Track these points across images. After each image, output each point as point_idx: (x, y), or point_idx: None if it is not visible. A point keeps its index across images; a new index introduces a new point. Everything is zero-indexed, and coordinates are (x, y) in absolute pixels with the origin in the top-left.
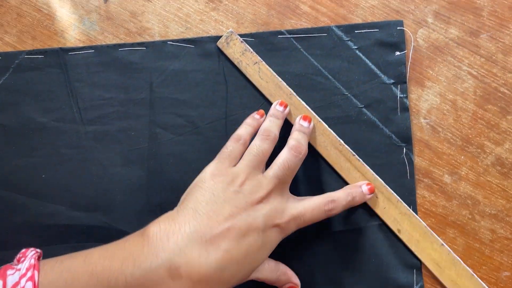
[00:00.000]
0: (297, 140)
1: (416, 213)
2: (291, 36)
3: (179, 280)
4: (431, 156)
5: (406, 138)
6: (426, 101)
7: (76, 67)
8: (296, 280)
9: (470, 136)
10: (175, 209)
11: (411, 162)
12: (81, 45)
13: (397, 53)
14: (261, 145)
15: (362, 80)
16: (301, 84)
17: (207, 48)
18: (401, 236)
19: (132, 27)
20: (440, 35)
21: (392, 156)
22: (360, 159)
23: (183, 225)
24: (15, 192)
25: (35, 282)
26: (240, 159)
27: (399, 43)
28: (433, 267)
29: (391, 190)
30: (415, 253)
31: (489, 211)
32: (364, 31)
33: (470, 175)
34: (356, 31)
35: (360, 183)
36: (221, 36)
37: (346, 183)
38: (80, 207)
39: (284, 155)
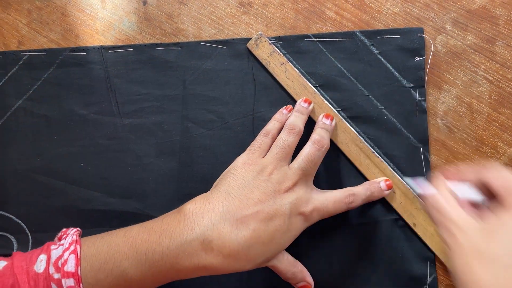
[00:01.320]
0: (319, 135)
1: None
2: (317, 39)
3: (211, 253)
4: (446, 155)
5: (423, 139)
6: (443, 103)
7: (116, 64)
8: (310, 279)
9: (484, 137)
10: (209, 191)
11: (427, 162)
12: (120, 44)
13: (417, 58)
14: (287, 139)
15: (383, 83)
16: (326, 85)
17: (237, 49)
18: (416, 229)
19: (168, 28)
20: (458, 41)
21: (410, 156)
22: (379, 156)
23: (216, 204)
24: (56, 178)
25: (77, 255)
26: (268, 151)
27: (419, 49)
28: (446, 260)
29: (407, 185)
30: (429, 246)
31: None
32: (386, 37)
33: None
34: (378, 37)
35: (379, 179)
36: (250, 38)
37: (365, 179)
38: (115, 194)
39: (307, 149)
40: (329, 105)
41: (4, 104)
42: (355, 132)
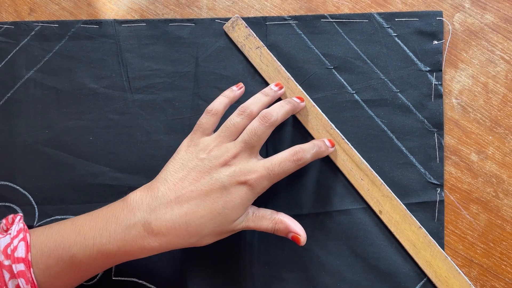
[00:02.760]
0: (268, 110)
1: (442, 191)
2: (334, 20)
3: (152, 233)
4: (460, 135)
5: (438, 124)
6: (458, 82)
7: (128, 39)
8: (296, 228)
9: (499, 117)
10: (153, 180)
11: (441, 147)
12: (132, 14)
13: (435, 42)
14: (234, 119)
15: (399, 66)
16: (340, 67)
17: (252, 28)
18: (382, 217)
19: None
20: (476, 20)
21: (423, 140)
22: (348, 143)
23: (155, 191)
24: (64, 151)
25: (27, 242)
26: (212, 129)
27: (437, 33)
28: (409, 248)
29: (375, 173)
30: (394, 233)
31: None
32: (404, 19)
33: (497, 155)
34: (396, 19)
35: (322, 138)
36: (265, 17)
37: (335, 165)
38: (123, 169)
39: (253, 123)
40: (302, 90)
41: (15, 75)
42: (326, 119)
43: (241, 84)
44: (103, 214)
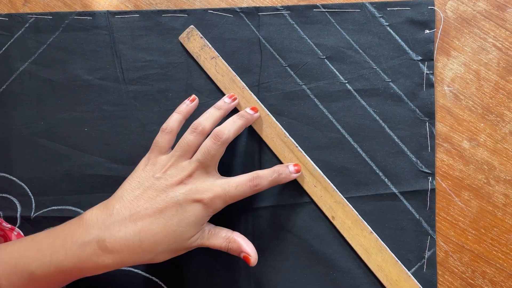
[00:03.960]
0: (219, 128)
1: (434, 180)
2: (326, 10)
3: (106, 250)
4: (451, 122)
5: (430, 113)
6: (450, 70)
7: (121, 30)
8: (247, 248)
9: (490, 105)
10: (109, 198)
11: (432, 136)
12: (126, 3)
13: (427, 31)
14: (187, 137)
15: (391, 56)
16: (333, 56)
17: (245, 19)
18: (334, 222)
19: None
20: (468, 7)
21: (415, 129)
22: (302, 151)
23: (110, 209)
24: (59, 143)
25: None
26: (169, 147)
27: (429, 22)
28: (361, 252)
29: (328, 180)
30: (346, 239)
31: (504, 177)
32: (396, 9)
33: (488, 142)
34: (388, 9)
35: (288, 163)
36: (258, 7)
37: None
38: (118, 160)
39: (205, 142)
40: (257, 100)
41: (9, 67)
42: (281, 127)
43: (193, 97)
44: (61, 231)
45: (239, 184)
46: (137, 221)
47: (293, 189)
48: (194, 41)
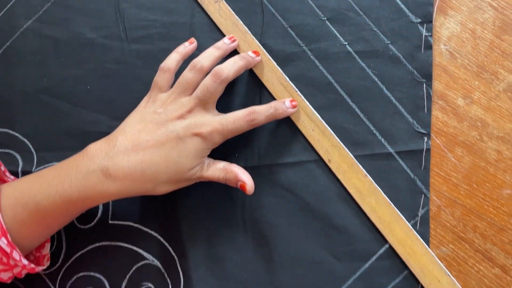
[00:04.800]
0: (219, 67)
1: (429, 140)
2: None
3: (110, 178)
4: (447, 80)
5: (427, 75)
6: (447, 28)
7: None
8: (243, 177)
9: (485, 63)
10: (113, 132)
11: (429, 97)
12: None
13: None
14: (186, 74)
15: (391, 18)
16: (333, 18)
17: None
18: (330, 165)
19: None
20: None
21: (413, 91)
22: (301, 95)
23: (113, 141)
24: (62, 100)
25: None
26: (168, 85)
27: None
28: (355, 194)
29: (325, 124)
30: (341, 181)
31: (497, 134)
32: None
33: (482, 100)
34: None
35: (284, 99)
36: None
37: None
38: (120, 118)
39: (205, 80)
40: (258, 44)
41: (13, 24)
42: (281, 72)
43: (193, 39)
44: (65, 164)
45: (236, 119)
46: (139, 151)
47: (291, 148)
48: None
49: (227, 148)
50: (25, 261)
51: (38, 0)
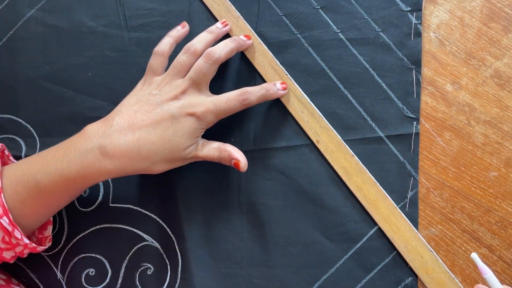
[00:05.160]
0: (211, 49)
1: (418, 124)
2: None
3: (107, 156)
4: (436, 67)
5: (417, 61)
6: (436, 17)
7: None
8: (237, 155)
9: (473, 50)
10: (109, 113)
11: (418, 83)
12: None
13: None
14: (180, 57)
15: (382, 7)
16: (326, 6)
17: None
18: (318, 146)
19: None
20: None
21: (403, 77)
22: (291, 78)
23: (110, 121)
24: (64, 87)
25: None
26: (162, 69)
27: None
28: (342, 174)
29: (314, 106)
30: (329, 161)
31: (484, 118)
32: None
33: (470, 85)
34: None
35: (275, 81)
36: None
37: (278, 99)
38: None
39: (198, 61)
40: (250, 28)
41: (17, 13)
42: (272, 56)
43: (185, 23)
44: (64, 144)
45: (229, 99)
46: (135, 130)
47: (285, 133)
48: None
49: (223, 133)
50: (26, 240)
51: None
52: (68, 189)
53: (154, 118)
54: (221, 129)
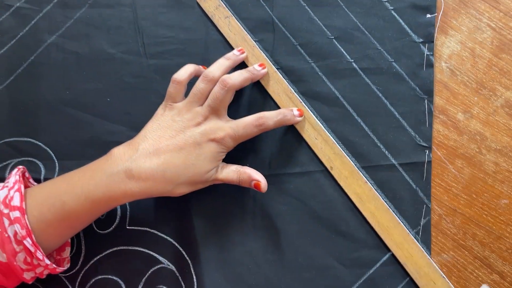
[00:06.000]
0: (227, 75)
1: (430, 153)
2: None
3: (133, 179)
4: (448, 96)
5: (429, 91)
6: (448, 47)
7: (144, 7)
8: (257, 176)
9: (484, 80)
10: (133, 137)
11: (430, 113)
12: None
13: (428, 15)
14: (199, 85)
15: (395, 38)
16: (340, 37)
17: (260, 0)
18: (332, 172)
19: None
20: None
21: (415, 106)
22: (305, 106)
23: (135, 146)
24: (83, 111)
25: (21, 192)
26: (180, 95)
27: (430, 7)
28: (356, 200)
29: (328, 133)
30: (343, 187)
31: (495, 146)
32: None
33: (481, 114)
34: None
35: (292, 107)
36: None
37: (293, 126)
38: (138, 129)
39: (214, 89)
40: (265, 57)
41: (38, 39)
42: (287, 84)
43: (203, 67)
44: (90, 167)
45: (247, 124)
46: (160, 155)
47: (299, 159)
48: (210, 1)
49: (240, 158)
50: (47, 261)
51: (61, 17)
52: (92, 210)
53: (178, 144)
54: (238, 153)
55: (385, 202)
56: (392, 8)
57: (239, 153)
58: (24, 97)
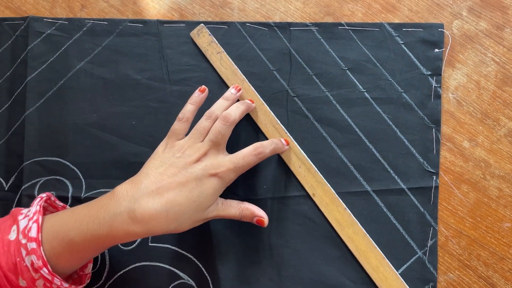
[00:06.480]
0: (227, 111)
1: (438, 179)
2: (349, 28)
3: (136, 220)
4: (454, 125)
5: (436, 121)
6: (455, 79)
7: (169, 37)
8: (260, 212)
9: (488, 111)
10: (136, 174)
11: (438, 141)
12: (172, 11)
13: (436, 50)
14: (203, 122)
15: (405, 70)
16: (353, 68)
17: (278, 32)
18: (314, 199)
19: (216, 0)
20: (471, 26)
21: (423, 134)
22: (291, 136)
23: (138, 184)
24: (109, 133)
25: (38, 223)
26: (184, 133)
27: (438, 42)
28: (335, 225)
29: (310, 162)
30: (324, 213)
31: (499, 173)
32: (411, 29)
33: (485, 143)
34: (403, 29)
35: (280, 138)
36: (290, 23)
37: (280, 157)
38: None
39: (216, 124)
40: (254, 90)
41: (67, 65)
42: (273, 115)
43: (203, 87)
44: (96, 204)
45: (245, 155)
46: (163, 193)
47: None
48: (203, 37)
49: (257, 181)
50: (65, 284)
51: (89, 44)
52: (98, 246)
53: (180, 181)
54: (255, 176)
55: (395, 223)
56: (402, 42)
57: (255, 174)
58: (53, 119)
